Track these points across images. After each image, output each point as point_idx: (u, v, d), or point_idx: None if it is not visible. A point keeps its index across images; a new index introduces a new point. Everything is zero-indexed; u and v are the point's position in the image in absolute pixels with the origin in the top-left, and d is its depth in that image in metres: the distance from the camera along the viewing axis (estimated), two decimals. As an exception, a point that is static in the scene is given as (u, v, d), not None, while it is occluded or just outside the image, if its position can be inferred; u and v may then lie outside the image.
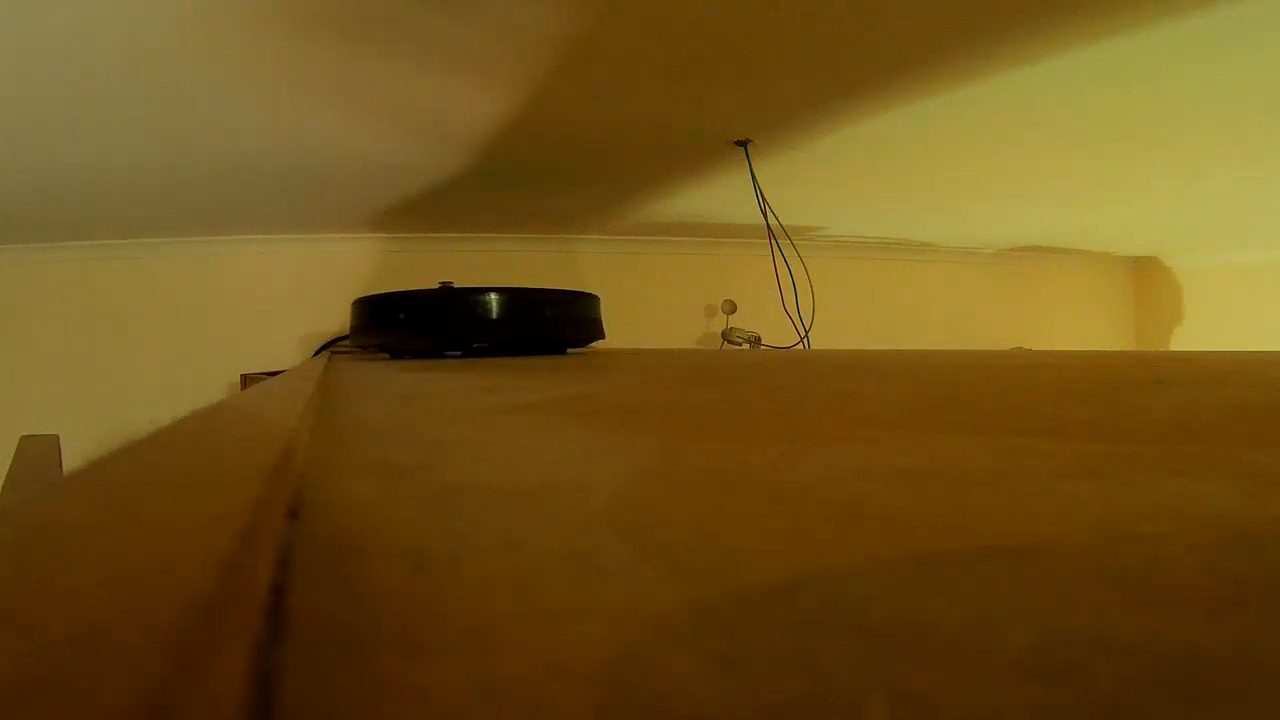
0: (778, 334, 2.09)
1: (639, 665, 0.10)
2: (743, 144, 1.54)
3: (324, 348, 2.13)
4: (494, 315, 1.29)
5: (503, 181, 1.80)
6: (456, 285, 1.37)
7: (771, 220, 1.72)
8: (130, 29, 0.95)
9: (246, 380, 1.84)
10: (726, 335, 2.44)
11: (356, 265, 2.35)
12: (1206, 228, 2.55)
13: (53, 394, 2.14)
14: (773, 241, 1.76)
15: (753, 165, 1.61)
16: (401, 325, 1.31)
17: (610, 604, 0.13)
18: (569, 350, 1.44)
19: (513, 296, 1.32)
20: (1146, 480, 0.21)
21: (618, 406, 0.45)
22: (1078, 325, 3.26)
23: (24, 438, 1.38)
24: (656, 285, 2.62)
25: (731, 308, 2.49)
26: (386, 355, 1.40)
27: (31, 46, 0.99)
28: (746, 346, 2.35)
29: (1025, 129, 1.47)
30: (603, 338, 1.45)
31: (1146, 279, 3.30)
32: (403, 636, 0.12)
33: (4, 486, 1.04)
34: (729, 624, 0.12)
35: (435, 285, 1.40)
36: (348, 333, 1.54)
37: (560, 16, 0.98)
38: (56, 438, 1.37)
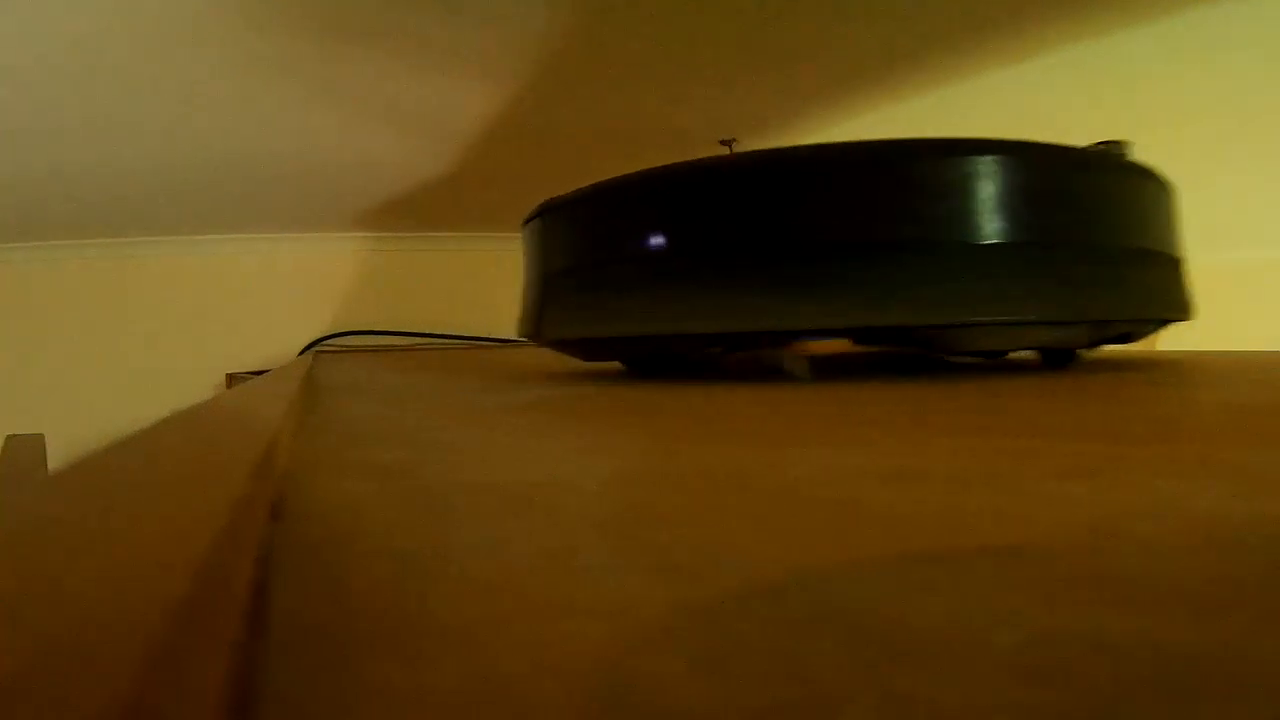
0: None
1: (627, 664, 0.10)
2: (727, 143, 1.54)
3: (309, 346, 2.13)
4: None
5: (491, 180, 1.80)
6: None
7: None
8: (129, 28, 0.95)
9: (232, 379, 1.83)
10: None
11: (345, 264, 2.33)
12: (1199, 226, 2.56)
13: (39, 392, 2.12)
14: None
15: None
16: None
17: (597, 603, 0.13)
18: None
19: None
20: (1138, 480, 0.21)
21: (609, 406, 0.45)
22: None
23: (8, 437, 1.37)
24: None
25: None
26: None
27: (29, 46, 0.98)
28: None
29: (1013, 128, 1.47)
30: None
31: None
32: (387, 637, 0.12)
33: (-13, 486, 1.03)
34: (717, 623, 0.12)
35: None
36: (338, 330, 1.36)
37: (548, 15, 0.98)
38: (41, 437, 1.37)
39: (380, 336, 2.18)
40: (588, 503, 0.20)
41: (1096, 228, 0.54)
